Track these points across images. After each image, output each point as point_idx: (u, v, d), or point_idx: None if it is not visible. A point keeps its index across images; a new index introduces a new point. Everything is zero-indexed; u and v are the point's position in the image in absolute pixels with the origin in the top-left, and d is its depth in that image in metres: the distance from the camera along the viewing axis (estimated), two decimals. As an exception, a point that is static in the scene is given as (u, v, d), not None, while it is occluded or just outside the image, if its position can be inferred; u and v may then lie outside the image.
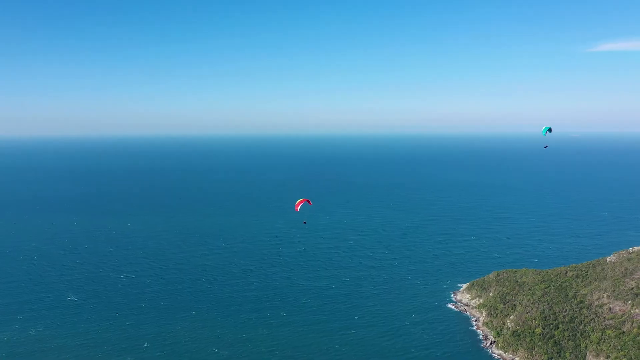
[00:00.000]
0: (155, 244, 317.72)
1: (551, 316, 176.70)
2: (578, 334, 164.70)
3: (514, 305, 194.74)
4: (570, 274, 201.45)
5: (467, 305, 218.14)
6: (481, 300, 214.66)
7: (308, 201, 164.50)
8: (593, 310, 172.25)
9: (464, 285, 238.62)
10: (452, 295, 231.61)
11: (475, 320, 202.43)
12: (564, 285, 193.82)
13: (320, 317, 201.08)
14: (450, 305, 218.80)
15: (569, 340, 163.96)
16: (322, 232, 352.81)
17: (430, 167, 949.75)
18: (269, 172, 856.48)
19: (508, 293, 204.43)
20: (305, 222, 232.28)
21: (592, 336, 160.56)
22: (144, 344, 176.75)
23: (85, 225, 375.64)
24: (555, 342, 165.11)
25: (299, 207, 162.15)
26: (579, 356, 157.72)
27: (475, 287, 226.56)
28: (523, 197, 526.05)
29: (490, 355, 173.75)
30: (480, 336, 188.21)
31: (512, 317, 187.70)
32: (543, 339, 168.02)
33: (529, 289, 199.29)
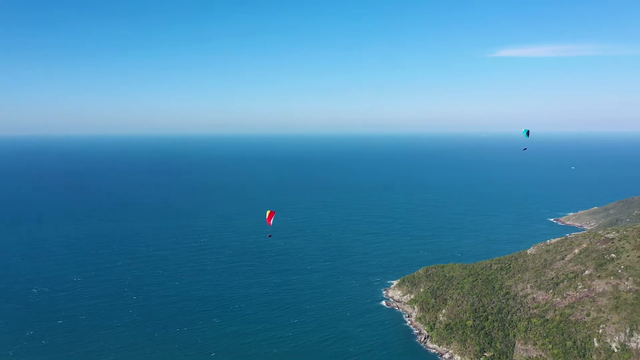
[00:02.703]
0: (69, 253, 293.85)
1: (480, 308, 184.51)
2: (506, 324, 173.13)
3: (445, 299, 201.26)
4: (495, 267, 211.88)
5: (398, 302, 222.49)
6: (412, 296, 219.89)
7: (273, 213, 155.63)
8: (518, 300, 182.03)
9: (395, 282, 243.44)
10: (384, 292, 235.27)
11: (408, 316, 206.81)
12: (490, 278, 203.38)
13: (256, 323, 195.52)
14: (382, 303, 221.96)
15: (498, 330, 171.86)
16: (250, 234, 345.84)
17: (350, 167, 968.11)
18: (194, 173, 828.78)
19: (438, 288, 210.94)
20: (270, 235, 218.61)
21: (519, 325, 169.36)
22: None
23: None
24: (486, 333, 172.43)
25: (272, 220, 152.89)
26: (509, 345, 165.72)
27: (406, 284, 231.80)
28: (440, 195, 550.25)
29: (426, 350, 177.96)
30: (415, 331, 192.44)
31: (443, 311, 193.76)
32: (475, 331, 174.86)
33: (458, 283, 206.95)
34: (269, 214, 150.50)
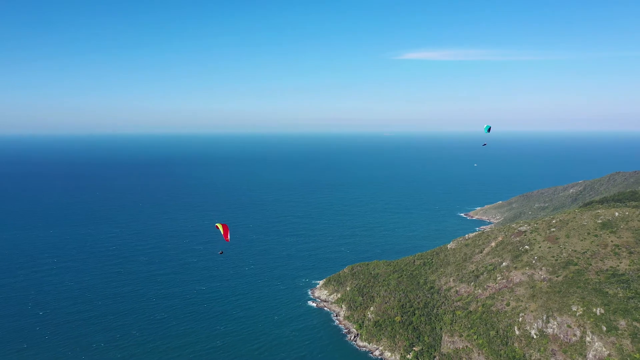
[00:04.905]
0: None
1: (407, 304, 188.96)
2: (433, 318, 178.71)
3: (372, 296, 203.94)
4: (418, 262, 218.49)
5: (326, 302, 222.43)
6: (339, 295, 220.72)
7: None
8: (442, 294, 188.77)
9: (321, 282, 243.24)
10: (310, 292, 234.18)
11: (336, 316, 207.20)
12: (414, 273, 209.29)
13: (182, 336, 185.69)
14: (310, 303, 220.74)
15: (426, 324, 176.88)
16: (167, 239, 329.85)
17: (259, 168, 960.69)
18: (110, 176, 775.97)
19: (365, 285, 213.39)
20: (221, 252, 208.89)
21: (444, 318, 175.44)
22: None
23: None
24: (414, 328, 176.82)
25: (228, 235, 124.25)
26: (436, 338, 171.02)
27: (332, 283, 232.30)
28: (354, 194, 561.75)
29: (356, 349, 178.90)
30: (344, 330, 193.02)
31: (372, 308, 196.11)
32: (403, 326, 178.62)
33: (384, 280, 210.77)
34: (223, 228, 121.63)
